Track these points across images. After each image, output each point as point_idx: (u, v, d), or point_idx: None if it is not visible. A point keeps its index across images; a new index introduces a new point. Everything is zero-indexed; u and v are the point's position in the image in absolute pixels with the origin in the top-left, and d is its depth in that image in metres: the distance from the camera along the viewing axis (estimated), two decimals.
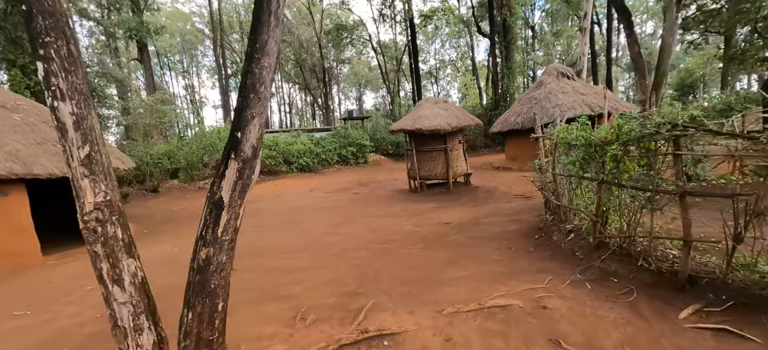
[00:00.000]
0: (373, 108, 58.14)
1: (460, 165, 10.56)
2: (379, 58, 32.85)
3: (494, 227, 6.08)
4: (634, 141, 3.25)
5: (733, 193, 2.67)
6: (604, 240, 3.88)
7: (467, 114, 10.32)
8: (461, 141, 10.63)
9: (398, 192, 11.02)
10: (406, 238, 5.85)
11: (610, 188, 3.70)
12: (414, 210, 8.08)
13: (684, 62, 36.26)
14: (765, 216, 2.59)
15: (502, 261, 4.44)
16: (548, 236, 4.97)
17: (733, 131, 2.69)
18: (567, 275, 3.77)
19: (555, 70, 14.72)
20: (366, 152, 19.77)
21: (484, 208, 7.79)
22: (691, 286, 2.97)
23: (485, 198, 9.12)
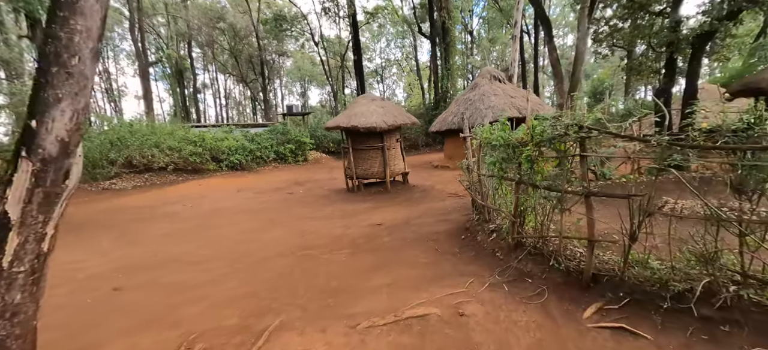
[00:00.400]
0: (319, 104, 56.66)
1: (397, 164, 10.48)
2: (322, 52, 31.88)
3: (425, 227, 5.99)
4: (546, 142, 3.27)
5: (629, 194, 2.77)
6: (522, 240, 3.93)
7: (404, 112, 10.26)
8: (399, 139, 10.55)
9: (335, 191, 10.60)
10: (334, 242, 5.49)
11: (526, 188, 3.72)
12: (348, 211, 7.75)
13: (596, 72, 41.09)
14: (655, 216, 2.72)
15: (428, 264, 4.31)
16: (473, 236, 4.98)
17: (630, 134, 2.78)
18: (487, 277, 3.73)
19: (488, 74, 15.45)
20: (306, 150, 18.96)
21: (417, 208, 7.74)
22: (594, 284, 3.06)
23: (420, 197, 9.12)
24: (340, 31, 39.22)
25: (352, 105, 10.25)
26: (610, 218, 4.16)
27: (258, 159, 17.10)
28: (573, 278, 3.22)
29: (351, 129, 9.32)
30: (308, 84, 58.28)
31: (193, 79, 36.62)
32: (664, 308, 2.59)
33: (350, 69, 39.11)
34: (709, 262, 2.52)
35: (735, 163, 2.36)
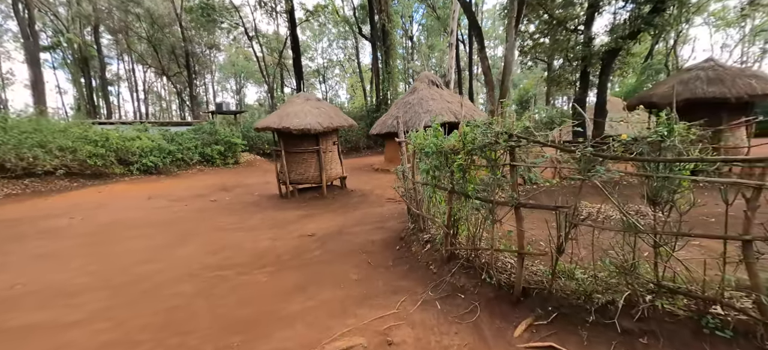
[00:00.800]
0: (256, 103, 53.33)
1: (334, 168, 9.99)
2: (257, 48, 29.92)
3: (359, 237, 5.64)
4: (478, 150, 3.11)
5: (556, 206, 2.71)
6: (455, 252, 3.76)
7: (341, 114, 9.82)
8: (336, 142, 10.08)
9: (267, 198, 9.74)
10: (256, 259, 4.84)
11: (459, 198, 3.56)
12: (278, 220, 7.06)
13: (522, 82, 45.05)
14: (580, 227, 2.69)
15: (359, 281, 3.94)
16: (408, 247, 4.74)
17: (556, 144, 2.72)
18: (420, 293, 3.48)
19: (426, 78, 15.75)
20: (237, 151, 17.44)
21: (354, 215, 7.36)
22: (524, 299, 2.96)
23: (358, 202, 8.77)
24: (278, 27, 37.37)
25: (286, 104, 9.51)
26: (537, 225, 4.23)
27: (179, 161, 15.22)
28: (504, 292, 3.10)
29: (283, 130, 8.61)
30: (244, 81, 54.64)
31: (101, 69, 31.73)
32: (589, 322, 2.55)
33: (290, 67, 37.44)
34: (628, 273, 2.54)
35: (650, 174, 2.38)
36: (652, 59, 24.77)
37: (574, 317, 2.66)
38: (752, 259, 2.09)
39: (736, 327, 2.18)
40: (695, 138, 2.47)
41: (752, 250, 2.10)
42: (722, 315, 2.26)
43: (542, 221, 4.16)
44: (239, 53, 45.13)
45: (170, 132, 16.08)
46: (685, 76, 8.19)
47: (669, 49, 25.94)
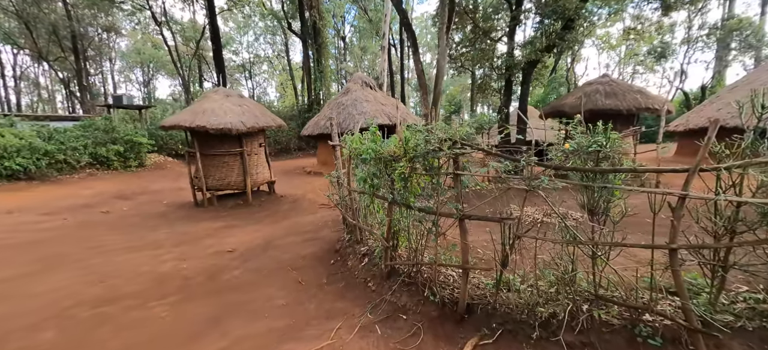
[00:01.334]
0: (170, 98, 47.28)
1: (261, 171, 9.07)
2: (167, 35, 26.43)
3: (288, 251, 5.04)
4: (420, 157, 2.86)
5: (501, 218, 2.58)
6: (396, 267, 3.47)
7: (268, 113, 8.96)
8: (263, 144, 9.16)
9: (178, 207, 8.39)
10: (154, 287, 3.94)
11: (400, 209, 3.27)
12: (189, 235, 6.02)
13: (449, 89, 47.84)
14: (523, 239, 2.60)
15: (287, 306, 3.40)
16: (344, 261, 4.33)
17: (498, 152, 2.60)
18: (357, 315, 3.11)
19: (360, 79, 15.48)
20: (142, 152, 14.97)
21: (282, 224, 6.67)
22: (468, 316, 2.79)
23: (288, 210, 8.05)
24: (194, 14, 33.71)
25: (201, 100, 8.31)
26: (475, 232, 4.18)
27: (60, 164, 12.44)
28: (448, 310, 2.90)
29: (198, 129, 7.46)
30: (154, 72, 48.04)
31: None
32: (533, 338, 2.46)
33: (210, 60, 33.93)
34: (568, 283, 2.51)
35: (589, 184, 2.37)
36: (555, 73, 28.26)
37: (519, 333, 2.55)
38: (677, 267, 2.17)
39: (664, 334, 2.26)
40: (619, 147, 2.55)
41: (677, 258, 2.19)
42: (652, 321, 2.33)
43: (481, 228, 4.11)
44: (147, 40, 39.50)
45: (49, 128, 13.09)
46: (588, 89, 9.28)
47: (568, 66, 29.89)
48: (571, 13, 6.77)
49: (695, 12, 24.61)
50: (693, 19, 25.57)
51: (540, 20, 7.96)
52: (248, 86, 49.43)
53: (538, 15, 7.94)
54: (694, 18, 25.47)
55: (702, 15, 25.17)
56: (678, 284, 2.17)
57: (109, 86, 43.36)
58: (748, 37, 21.53)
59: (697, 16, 25.18)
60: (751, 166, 2.09)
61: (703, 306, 2.27)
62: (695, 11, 24.42)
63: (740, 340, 2.14)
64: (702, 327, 2.15)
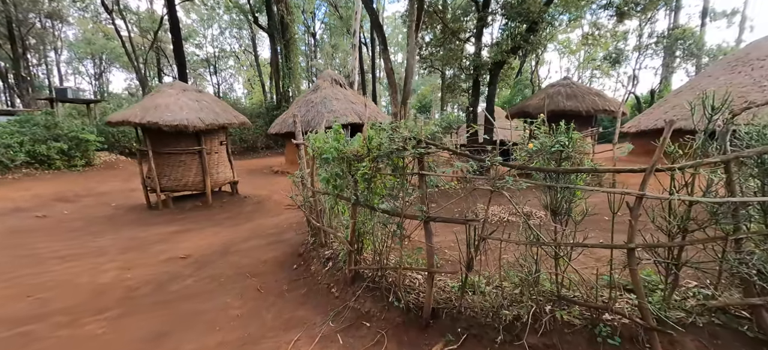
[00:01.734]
0: (125, 92, 44.05)
1: (222, 171, 8.58)
2: (120, 24, 24.60)
3: (249, 255, 4.75)
4: (384, 157, 2.73)
5: (466, 219, 2.51)
6: (360, 271, 3.32)
7: (230, 109, 8.49)
8: (224, 142, 8.67)
9: (128, 210, 7.74)
10: (91, 300, 3.53)
11: (365, 210, 3.13)
12: (137, 240, 5.54)
13: (420, 88, 48.36)
14: (488, 241, 2.54)
15: (242, 317, 3.16)
16: (307, 265, 4.12)
17: (464, 152, 2.52)
18: (319, 324, 2.93)
19: (329, 77, 15.16)
20: (89, 150, 13.77)
21: (244, 227, 6.33)
22: (434, 321, 2.70)
23: (252, 211, 7.67)
24: (152, 3, 31.70)
25: (154, 94, 7.70)
26: (441, 233, 4.13)
27: None
28: (413, 315, 2.79)
29: (149, 126, 6.89)
30: (108, 64, 44.56)
31: None
32: (498, 342, 2.41)
33: (170, 53, 32.01)
34: (531, 285, 2.48)
35: (552, 185, 2.35)
36: (521, 75, 29.35)
37: (484, 337, 2.49)
38: (634, 266, 2.19)
39: (622, 333, 2.28)
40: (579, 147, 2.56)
41: (634, 257, 2.21)
42: (612, 321, 2.35)
43: (449, 229, 4.06)
44: (99, 30, 36.54)
45: None
46: (551, 90, 9.63)
47: (532, 68, 31.15)
48: (535, 16, 6.96)
49: (645, 21, 26.47)
50: (643, 28, 27.49)
51: (505, 22, 8.15)
52: (213, 82, 47.18)
53: (503, 17, 8.12)
54: (644, 27, 27.39)
55: (651, 24, 27.12)
56: (635, 282, 2.19)
57: (55, 78, 39.70)
58: (690, 46, 23.43)
59: (647, 25, 27.11)
60: (701, 166, 2.14)
61: (657, 304, 2.31)
62: (645, 20, 26.27)
63: (692, 336, 2.20)
64: (657, 325, 2.19)
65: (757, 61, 11.71)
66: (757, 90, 10.80)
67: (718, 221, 2.13)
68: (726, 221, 2.13)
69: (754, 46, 12.57)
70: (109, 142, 15.87)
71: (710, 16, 28.38)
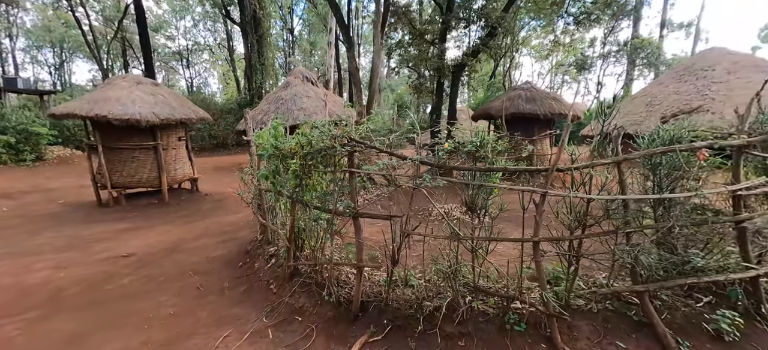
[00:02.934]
0: (90, 84, 41.63)
1: (181, 168, 8.34)
2: (81, 11, 23.29)
3: (198, 253, 4.68)
4: (315, 154, 2.78)
5: (390, 215, 2.60)
6: (299, 268, 3.36)
7: (190, 104, 8.26)
8: (183, 137, 8.43)
9: (76, 208, 7.39)
10: (13, 302, 3.38)
11: (302, 208, 3.17)
12: (79, 239, 5.31)
13: (399, 88, 48.58)
14: (412, 237, 2.65)
15: (176, 315, 3.13)
16: (253, 262, 4.11)
17: (389, 151, 2.62)
18: (252, 322, 2.95)
19: (300, 74, 15.00)
20: (41, 144, 12.99)
21: (199, 225, 6.20)
22: (362, 314, 2.79)
23: (211, 209, 7.51)
24: None
25: (105, 87, 7.38)
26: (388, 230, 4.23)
27: None
28: (343, 309, 2.86)
29: (98, 119, 6.61)
30: (70, 54, 42.01)
31: None
32: (417, 332, 2.52)
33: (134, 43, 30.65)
34: (451, 277, 2.61)
35: (467, 182, 2.48)
36: (494, 78, 30.15)
37: (406, 328, 2.60)
38: (539, 258, 2.36)
39: (529, 320, 2.45)
40: (507, 147, 2.71)
41: (539, 250, 2.38)
42: (520, 308, 2.52)
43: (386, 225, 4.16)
44: (60, 17, 34.39)
45: None
46: (512, 94, 9.98)
47: (505, 71, 32.04)
48: (494, 21, 7.21)
49: (609, 30, 27.86)
50: (607, 37, 28.92)
51: (466, 26, 8.40)
52: (187, 76, 45.49)
53: (463, 21, 8.36)
54: (608, 36, 28.82)
55: (614, 33, 28.58)
56: (538, 273, 2.36)
57: (9, 67, 37.02)
58: (648, 55, 24.89)
59: (611, 34, 28.54)
60: (597, 166, 2.33)
61: (561, 293, 2.50)
62: (609, 30, 27.65)
63: (588, 321, 2.40)
64: (558, 311, 2.37)
65: (701, 72, 12.61)
66: (699, 97, 11.64)
67: (610, 216, 2.33)
68: (616, 216, 2.33)
69: (699, 56, 13.52)
70: (64, 135, 15.02)
71: (668, 27, 30.22)
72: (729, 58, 12.57)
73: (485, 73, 32.59)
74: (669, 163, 2.34)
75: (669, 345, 2.13)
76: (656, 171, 2.43)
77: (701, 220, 2.24)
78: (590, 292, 2.48)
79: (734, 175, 2.30)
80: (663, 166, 2.38)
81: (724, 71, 12.10)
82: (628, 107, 14.26)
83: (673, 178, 2.38)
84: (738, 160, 2.28)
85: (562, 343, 2.27)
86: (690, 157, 2.36)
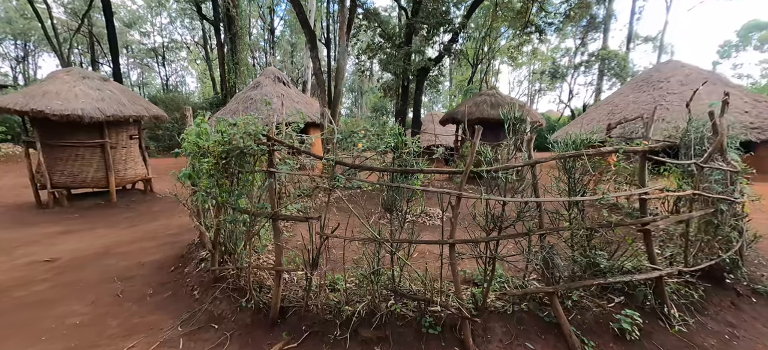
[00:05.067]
0: None
1: (133, 167, 7.94)
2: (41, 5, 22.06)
3: (128, 259, 4.40)
4: (231, 153, 2.65)
5: (307, 217, 2.50)
6: (223, 273, 3.20)
7: (142, 101, 7.89)
8: (136, 135, 8.03)
9: (11, 209, 6.87)
10: None
11: (226, 209, 3.02)
12: (2, 243, 4.90)
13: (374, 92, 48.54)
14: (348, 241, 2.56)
15: (81, 325, 2.90)
16: (184, 267, 3.90)
17: (308, 151, 2.52)
18: (165, 330, 2.77)
19: (272, 74, 14.70)
20: None
21: (143, 227, 5.88)
22: (281, 320, 2.66)
23: (160, 211, 7.16)
24: None
25: (46, 81, 6.92)
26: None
27: None
28: (262, 316, 2.73)
29: (34, 115, 6.18)
30: (35, 47, 39.68)
31: None
32: (333, 337, 2.42)
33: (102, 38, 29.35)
34: (371, 281, 2.53)
35: (383, 184, 2.42)
36: (472, 84, 30.69)
37: (324, 334, 2.50)
38: (454, 260, 2.31)
39: (445, 323, 2.40)
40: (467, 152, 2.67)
41: (455, 252, 2.33)
42: (438, 311, 2.46)
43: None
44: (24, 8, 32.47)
45: None
46: (478, 99, 10.12)
47: (482, 78, 32.69)
48: (456, 27, 7.30)
49: (580, 42, 28.96)
50: (579, 48, 30.04)
51: (429, 30, 8.48)
52: (162, 73, 43.81)
53: (426, 25, 8.44)
54: (579, 47, 29.93)
55: (585, 45, 29.73)
56: (453, 274, 2.32)
57: None
58: (614, 66, 25.99)
59: (582, 45, 29.67)
60: (507, 170, 2.32)
61: (477, 295, 2.46)
62: (580, 41, 28.74)
63: (502, 323, 2.37)
64: (473, 313, 2.33)
65: (658, 83, 13.26)
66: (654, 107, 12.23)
67: (522, 218, 2.32)
68: (529, 218, 2.32)
69: (656, 69, 14.22)
70: (14, 132, 14.09)
71: (634, 40, 31.69)
72: (682, 71, 13.25)
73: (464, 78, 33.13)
74: (581, 166, 2.36)
75: (574, 344, 2.12)
76: (570, 174, 2.45)
77: (606, 223, 2.26)
78: (501, 294, 2.46)
79: (640, 179, 2.34)
80: (576, 169, 2.40)
81: (678, 83, 12.73)
82: (592, 114, 14.78)
83: (585, 182, 2.40)
84: (643, 163, 2.32)
85: (474, 345, 2.23)
86: (601, 162, 2.39)
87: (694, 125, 3.00)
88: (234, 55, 22.06)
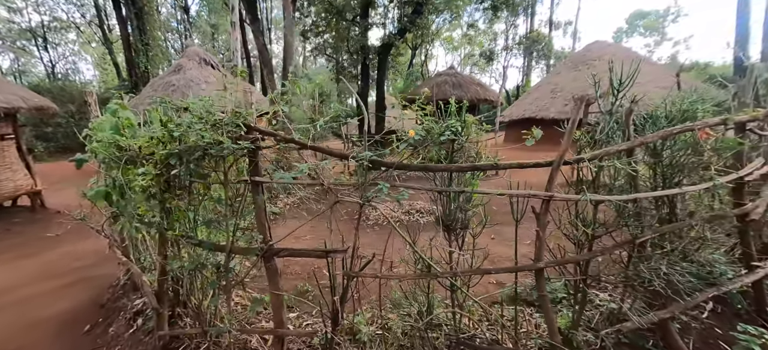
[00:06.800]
0: None
1: (9, 177, 5.88)
2: None
3: (15, 314, 2.98)
4: (187, 155, 1.62)
5: (328, 250, 1.62)
6: (177, 333, 2.14)
7: (14, 88, 5.82)
8: (11, 135, 5.93)
9: None
10: None
11: (174, 243, 1.96)
12: None
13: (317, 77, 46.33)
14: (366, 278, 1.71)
15: None
16: (107, 325, 2.69)
17: (319, 146, 1.62)
18: None
19: (197, 56, 12.53)
20: None
21: (36, 260, 4.27)
22: None
23: (64, 233, 5.40)
24: None
25: None
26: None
27: None
28: None
29: None
30: None
31: None
32: None
33: None
34: (423, 329, 1.76)
35: (443, 189, 1.65)
36: (413, 67, 30.60)
37: None
38: (544, 290, 1.66)
39: None
40: None
41: (544, 279, 1.67)
42: None
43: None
44: None
45: None
46: (438, 80, 9.69)
47: (422, 61, 32.86)
48: None
49: (511, 24, 30.52)
50: (509, 31, 31.67)
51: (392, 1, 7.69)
52: (46, 58, 35.42)
53: None
54: (510, 29, 31.55)
55: (514, 28, 31.44)
56: (545, 310, 1.66)
57: None
58: (542, 48, 27.95)
59: (512, 28, 31.32)
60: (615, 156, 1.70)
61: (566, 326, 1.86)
62: (511, 24, 30.28)
63: None
64: None
65: (591, 61, 14.27)
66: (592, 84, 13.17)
67: (627, 223, 1.74)
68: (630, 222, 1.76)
69: (588, 48, 15.32)
70: None
71: (554, 26, 34.46)
72: (609, 50, 14.42)
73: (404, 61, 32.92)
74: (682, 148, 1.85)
75: None
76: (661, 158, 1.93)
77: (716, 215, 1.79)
78: (604, 323, 1.88)
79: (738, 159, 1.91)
80: (672, 150, 1.89)
81: (606, 62, 13.82)
82: (534, 94, 15.44)
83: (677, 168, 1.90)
84: None
85: None
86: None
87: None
88: (142, 34, 18.62)
